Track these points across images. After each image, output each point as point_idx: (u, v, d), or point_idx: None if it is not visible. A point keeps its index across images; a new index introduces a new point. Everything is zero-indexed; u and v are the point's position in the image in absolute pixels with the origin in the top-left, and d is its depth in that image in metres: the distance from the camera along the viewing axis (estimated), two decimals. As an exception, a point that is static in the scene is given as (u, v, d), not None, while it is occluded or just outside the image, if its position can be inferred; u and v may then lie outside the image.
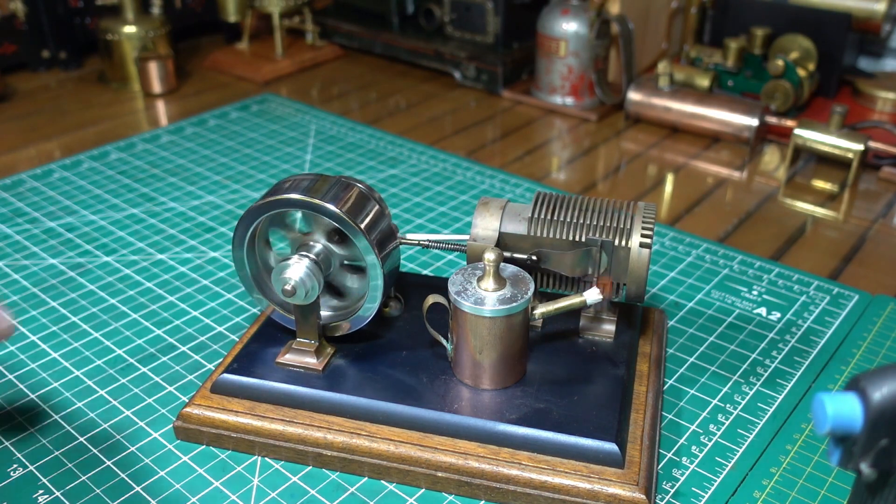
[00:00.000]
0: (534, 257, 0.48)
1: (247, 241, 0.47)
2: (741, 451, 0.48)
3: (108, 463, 0.47)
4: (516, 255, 0.49)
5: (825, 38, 0.91)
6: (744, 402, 0.51)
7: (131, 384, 0.53)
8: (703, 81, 0.93)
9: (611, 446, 0.43)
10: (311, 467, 0.47)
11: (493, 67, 1.00)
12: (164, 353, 0.55)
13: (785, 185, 0.80)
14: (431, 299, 0.47)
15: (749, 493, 0.45)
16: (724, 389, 0.52)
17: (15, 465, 0.46)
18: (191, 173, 0.80)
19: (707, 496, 0.45)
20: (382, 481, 0.46)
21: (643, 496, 0.42)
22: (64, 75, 1.07)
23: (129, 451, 0.47)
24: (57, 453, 0.47)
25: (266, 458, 0.47)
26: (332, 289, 0.50)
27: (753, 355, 0.55)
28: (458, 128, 0.93)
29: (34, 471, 0.46)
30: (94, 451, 0.47)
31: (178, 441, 0.48)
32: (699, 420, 0.50)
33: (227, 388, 0.48)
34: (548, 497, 0.43)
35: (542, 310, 0.46)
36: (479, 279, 0.46)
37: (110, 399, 0.51)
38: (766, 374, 0.54)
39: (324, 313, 0.50)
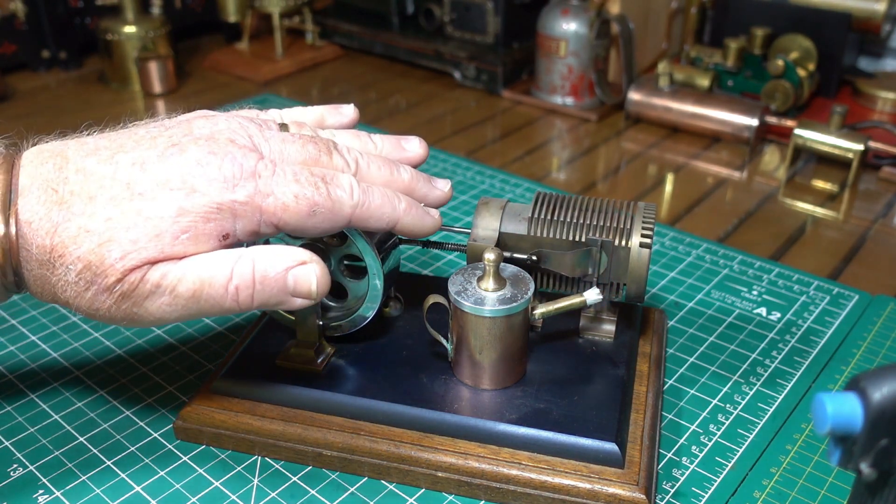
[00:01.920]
0: (534, 257, 0.48)
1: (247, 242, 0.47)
2: (741, 451, 0.48)
3: (108, 463, 0.47)
4: (516, 255, 0.49)
5: (825, 38, 0.91)
6: (744, 402, 0.51)
7: (131, 384, 0.53)
8: (703, 81, 0.93)
9: (611, 446, 0.43)
10: (311, 467, 0.47)
11: (493, 67, 1.00)
12: (164, 353, 0.55)
13: (785, 185, 0.80)
14: (431, 299, 0.47)
15: (749, 493, 0.45)
16: (724, 389, 0.52)
17: (15, 465, 0.46)
18: (191, 173, 0.80)
19: (707, 496, 0.45)
20: (382, 481, 0.46)
21: (643, 496, 0.42)
22: (64, 75, 1.07)
23: (129, 451, 0.47)
24: (57, 453, 0.47)
25: (266, 458, 0.47)
26: (332, 289, 0.50)
27: (753, 355, 0.55)
28: (458, 128, 0.93)
29: (34, 471, 0.46)
30: (94, 451, 0.47)
31: (178, 441, 0.48)
32: (699, 420, 0.50)
33: (227, 388, 0.48)
34: (548, 497, 0.43)
35: (542, 310, 0.46)
36: (479, 279, 0.46)
37: (110, 399, 0.51)
38: (766, 374, 0.54)
39: (323, 313, 0.50)
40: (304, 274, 0.40)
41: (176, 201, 0.38)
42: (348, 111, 0.50)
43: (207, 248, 0.39)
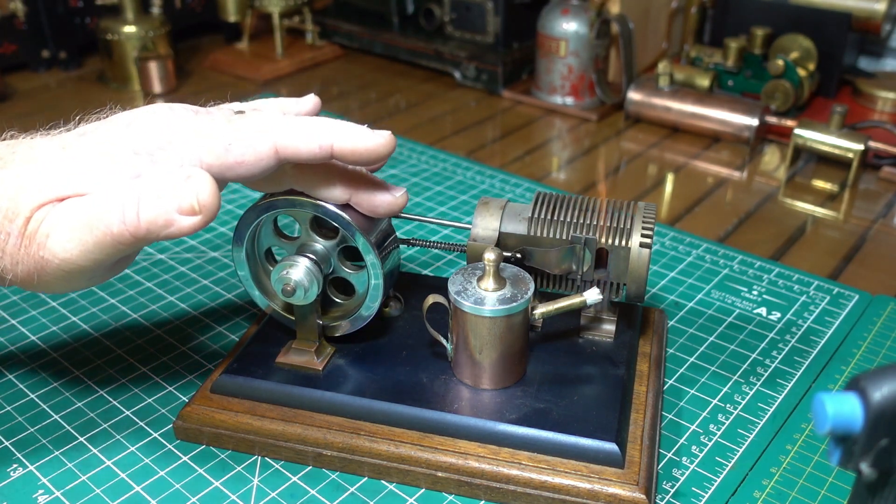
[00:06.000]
0: (518, 255, 0.48)
1: (246, 241, 0.47)
2: (741, 451, 0.48)
3: (108, 463, 0.47)
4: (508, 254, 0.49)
5: (825, 37, 0.91)
6: (744, 402, 0.51)
7: (131, 384, 0.53)
8: (703, 81, 0.93)
9: (611, 446, 0.43)
10: (311, 467, 0.47)
11: (493, 67, 1.00)
12: (164, 353, 0.55)
13: (785, 185, 0.80)
14: (431, 299, 0.47)
15: (749, 493, 0.45)
16: (724, 389, 0.52)
17: (15, 465, 0.46)
18: (191, 173, 0.80)
19: (707, 496, 0.45)
20: (382, 481, 0.46)
21: (643, 496, 0.42)
22: (64, 75, 1.07)
23: (129, 450, 0.47)
24: (57, 453, 0.47)
25: (266, 458, 0.47)
26: (333, 288, 0.50)
27: (753, 355, 0.55)
28: (458, 128, 0.93)
29: (34, 471, 0.46)
30: (94, 451, 0.47)
31: (178, 441, 0.48)
32: (699, 420, 0.50)
33: (227, 388, 0.48)
34: (548, 497, 0.43)
35: (542, 310, 0.46)
36: (479, 279, 0.46)
37: (110, 399, 0.51)
38: (766, 374, 0.54)
39: (323, 313, 0.50)
40: (189, 220, 0.39)
41: (91, 148, 0.41)
42: (308, 101, 0.49)
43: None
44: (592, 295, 0.46)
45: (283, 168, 0.43)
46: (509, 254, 0.49)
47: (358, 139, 0.41)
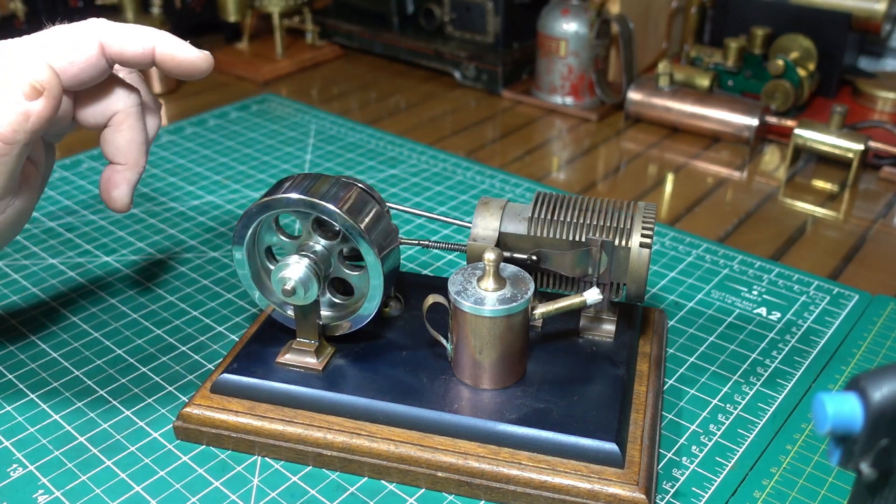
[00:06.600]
0: (534, 257, 0.48)
1: (247, 241, 0.47)
2: (741, 451, 0.48)
3: (108, 463, 0.47)
4: (516, 255, 0.49)
5: (825, 37, 0.91)
6: (744, 402, 0.51)
7: (131, 384, 0.53)
8: (703, 81, 0.93)
9: (611, 446, 0.43)
10: (311, 467, 0.47)
11: (493, 67, 1.00)
12: (164, 353, 0.55)
13: (785, 185, 0.80)
14: (431, 299, 0.47)
15: (749, 493, 0.45)
16: (724, 389, 0.52)
17: (15, 465, 0.46)
18: (191, 173, 0.80)
19: (707, 496, 0.45)
20: (382, 481, 0.46)
21: (643, 496, 0.42)
22: (64, 75, 1.07)
23: (129, 451, 0.47)
24: (57, 453, 0.47)
25: (266, 458, 0.47)
26: (332, 288, 0.50)
27: (753, 355, 0.55)
28: (458, 128, 0.93)
29: (34, 471, 0.46)
30: (94, 451, 0.47)
31: (178, 441, 0.48)
32: (699, 420, 0.50)
33: (227, 388, 0.48)
34: (548, 497, 0.43)
35: (542, 310, 0.46)
36: (479, 279, 0.46)
37: (110, 399, 0.51)
38: (766, 374, 0.54)
39: (324, 313, 0.50)
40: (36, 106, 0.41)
41: None
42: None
43: None
44: (592, 295, 0.46)
45: (113, 92, 0.46)
46: (524, 256, 0.48)
47: (178, 49, 0.45)
